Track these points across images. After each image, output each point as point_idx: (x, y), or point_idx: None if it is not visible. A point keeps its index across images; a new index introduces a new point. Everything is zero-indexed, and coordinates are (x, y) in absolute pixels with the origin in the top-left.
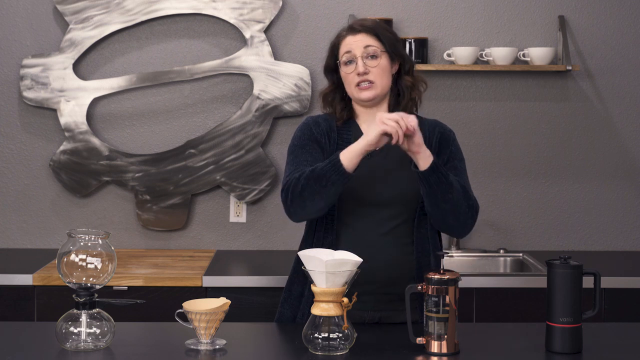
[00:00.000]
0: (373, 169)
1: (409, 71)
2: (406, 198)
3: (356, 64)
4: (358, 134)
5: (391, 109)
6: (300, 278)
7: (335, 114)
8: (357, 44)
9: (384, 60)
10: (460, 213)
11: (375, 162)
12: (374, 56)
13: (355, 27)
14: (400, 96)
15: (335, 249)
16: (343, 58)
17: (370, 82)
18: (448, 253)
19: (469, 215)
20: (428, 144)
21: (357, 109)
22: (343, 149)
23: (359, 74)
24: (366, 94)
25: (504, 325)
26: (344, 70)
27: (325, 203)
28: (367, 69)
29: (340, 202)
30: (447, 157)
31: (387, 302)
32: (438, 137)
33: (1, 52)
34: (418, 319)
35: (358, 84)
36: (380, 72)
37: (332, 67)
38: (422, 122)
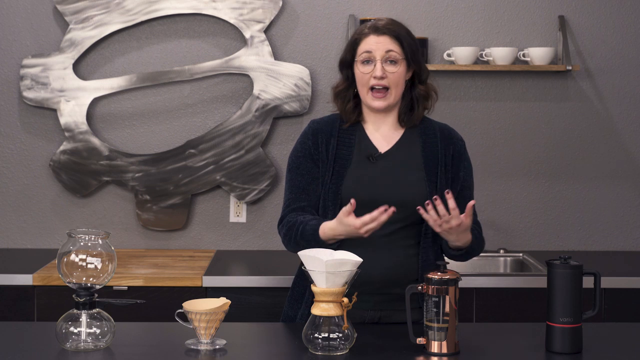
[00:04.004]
0: (379, 172)
1: (424, 81)
2: (413, 203)
3: (374, 66)
4: (363, 138)
5: (401, 118)
6: (303, 277)
7: (343, 114)
8: (379, 45)
9: (402, 68)
10: (474, 256)
11: (381, 164)
12: (393, 62)
13: (380, 28)
14: (414, 105)
15: (337, 248)
16: (361, 57)
17: (385, 87)
18: (449, 263)
19: (479, 253)
20: (439, 151)
21: (365, 110)
22: (344, 154)
23: (375, 77)
24: (379, 104)
25: (504, 325)
26: (360, 69)
27: None
28: (384, 73)
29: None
30: (459, 181)
31: (388, 301)
32: (451, 151)
33: (1, 52)
34: (419, 318)
35: (372, 88)
36: (397, 79)
37: (348, 63)
38: (431, 124)
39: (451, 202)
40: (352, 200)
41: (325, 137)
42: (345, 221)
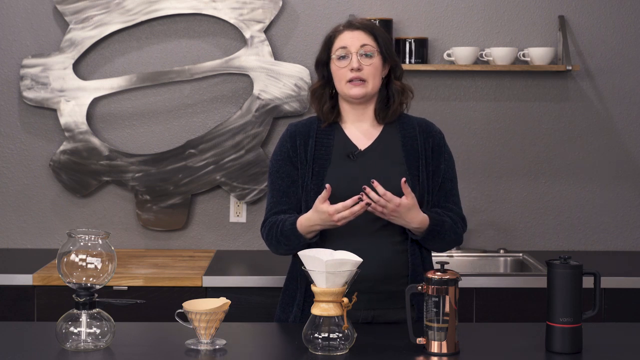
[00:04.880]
0: (360, 169)
1: (399, 77)
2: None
3: (350, 59)
4: (341, 137)
5: (377, 113)
6: (294, 279)
7: (320, 114)
8: (353, 40)
9: (378, 61)
10: (450, 245)
11: (361, 162)
12: (368, 55)
13: (354, 24)
14: (390, 100)
15: (325, 246)
16: (337, 52)
17: (362, 80)
18: (448, 262)
19: (458, 241)
20: (418, 144)
21: (344, 108)
22: (322, 154)
23: (352, 70)
24: (356, 91)
25: (504, 325)
26: (337, 65)
27: (293, 250)
28: (361, 65)
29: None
30: (441, 173)
31: (381, 300)
32: (430, 144)
33: (1, 52)
34: (414, 316)
35: (350, 80)
36: (373, 71)
37: (324, 61)
38: (409, 119)
39: (380, 189)
40: (327, 185)
41: (303, 138)
42: (320, 208)
